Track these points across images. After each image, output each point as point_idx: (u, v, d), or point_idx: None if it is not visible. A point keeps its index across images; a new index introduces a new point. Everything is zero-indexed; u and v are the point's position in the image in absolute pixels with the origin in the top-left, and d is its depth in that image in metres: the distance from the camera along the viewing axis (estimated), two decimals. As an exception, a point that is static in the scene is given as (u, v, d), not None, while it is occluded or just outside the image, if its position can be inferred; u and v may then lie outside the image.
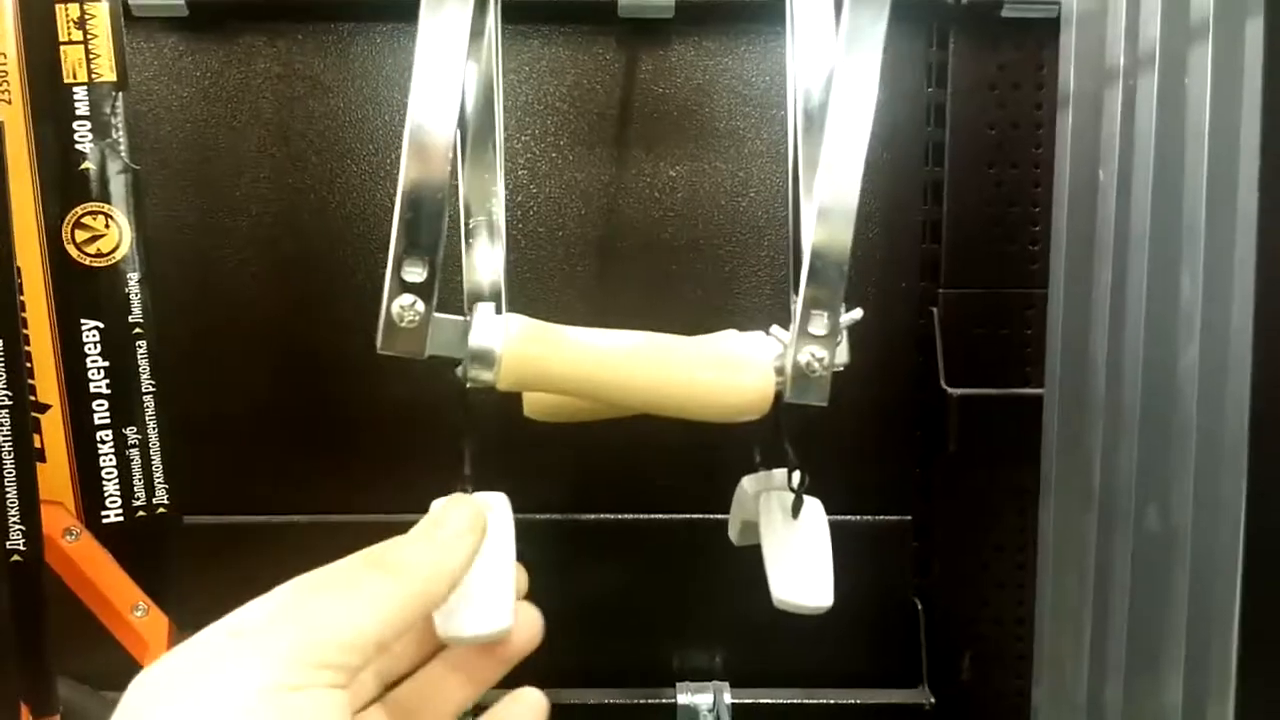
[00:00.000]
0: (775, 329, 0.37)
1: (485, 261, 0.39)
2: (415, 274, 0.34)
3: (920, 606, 0.67)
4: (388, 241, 0.64)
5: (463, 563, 0.34)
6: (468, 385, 0.37)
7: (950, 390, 0.63)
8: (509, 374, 0.36)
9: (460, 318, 0.36)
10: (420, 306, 0.34)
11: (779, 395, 0.36)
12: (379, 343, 0.35)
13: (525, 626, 0.37)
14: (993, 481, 0.65)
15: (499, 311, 0.38)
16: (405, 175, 0.34)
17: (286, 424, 0.66)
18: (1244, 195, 0.35)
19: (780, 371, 0.36)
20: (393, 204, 0.34)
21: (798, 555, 0.38)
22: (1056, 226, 0.51)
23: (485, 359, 0.35)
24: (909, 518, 0.67)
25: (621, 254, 0.65)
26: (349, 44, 0.64)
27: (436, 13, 0.35)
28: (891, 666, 0.68)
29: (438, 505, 0.37)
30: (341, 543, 0.66)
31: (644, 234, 0.65)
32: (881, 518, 0.67)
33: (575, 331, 0.37)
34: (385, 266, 0.35)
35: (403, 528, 0.65)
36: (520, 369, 0.35)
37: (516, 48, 0.64)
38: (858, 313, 0.39)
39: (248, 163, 0.65)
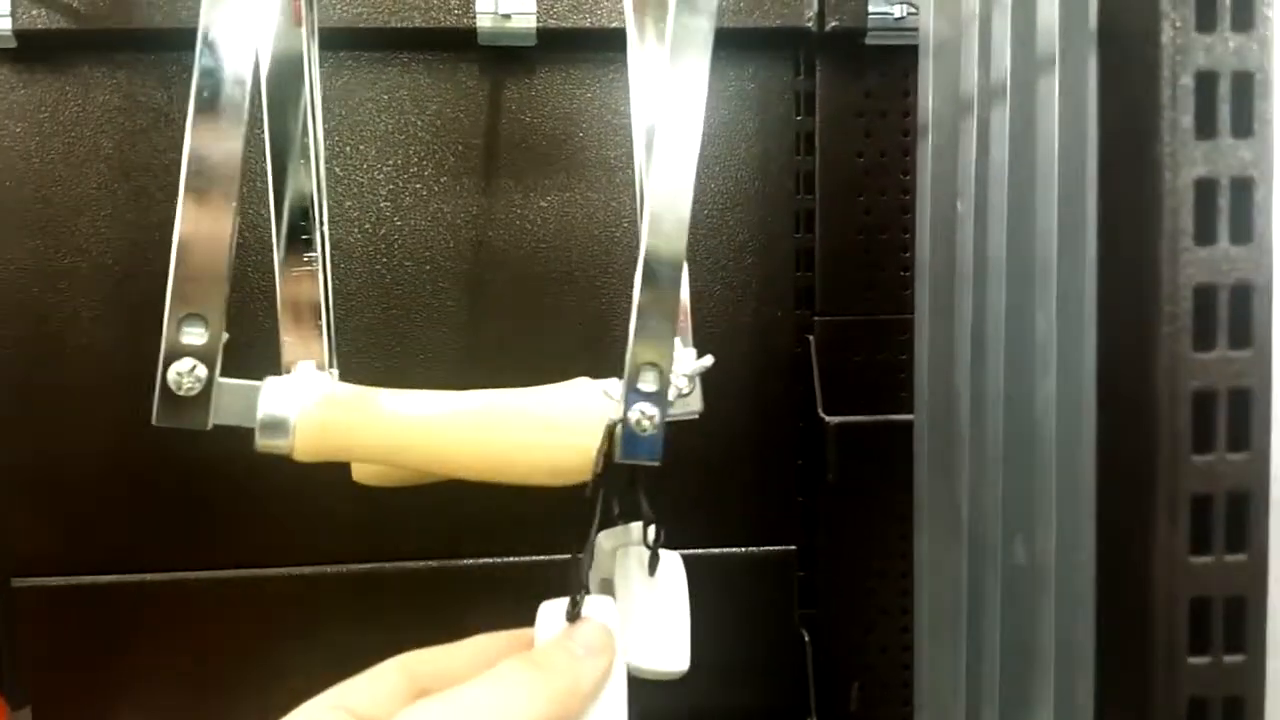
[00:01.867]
0: (613, 382, 0.36)
1: (306, 313, 0.36)
2: (195, 335, 0.32)
3: (807, 638, 0.66)
4: (239, 283, 0.61)
5: (598, 678, 0.33)
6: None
7: (828, 418, 0.62)
8: (305, 445, 0.33)
9: (250, 382, 0.33)
10: (202, 371, 0.32)
11: (609, 456, 0.34)
12: (154, 415, 0.32)
13: None
14: (874, 509, 0.65)
15: (322, 368, 0.35)
16: (181, 218, 0.32)
17: (131, 477, 0.61)
18: (1090, 233, 0.35)
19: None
20: (244, 239, 0.31)
21: (653, 616, 0.36)
22: (920, 256, 0.51)
23: (278, 428, 0.33)
24: (793, 548, 0.66)
25: (492, 287, 0.63)
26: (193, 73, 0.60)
27: (216, 35, 0.32)
28: (779, 699, 0.67)
29: (548, 610, 0.35)
30: (197, 602, 0.63)
31: (515, 267, 0.63)
32: (766, 548, 0.66)
33: (386, 395, 0.34)
34: (234, 306, 0.32)
35: (253, 582, 0.63)
36: (317, 440, 0.33)
37: (374, 75, 0.62)
38: (707, 360, 0.37)
39: (87, 201, 0.61)
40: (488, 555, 0.64)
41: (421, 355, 0.63)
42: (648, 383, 0.34)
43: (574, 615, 0.34)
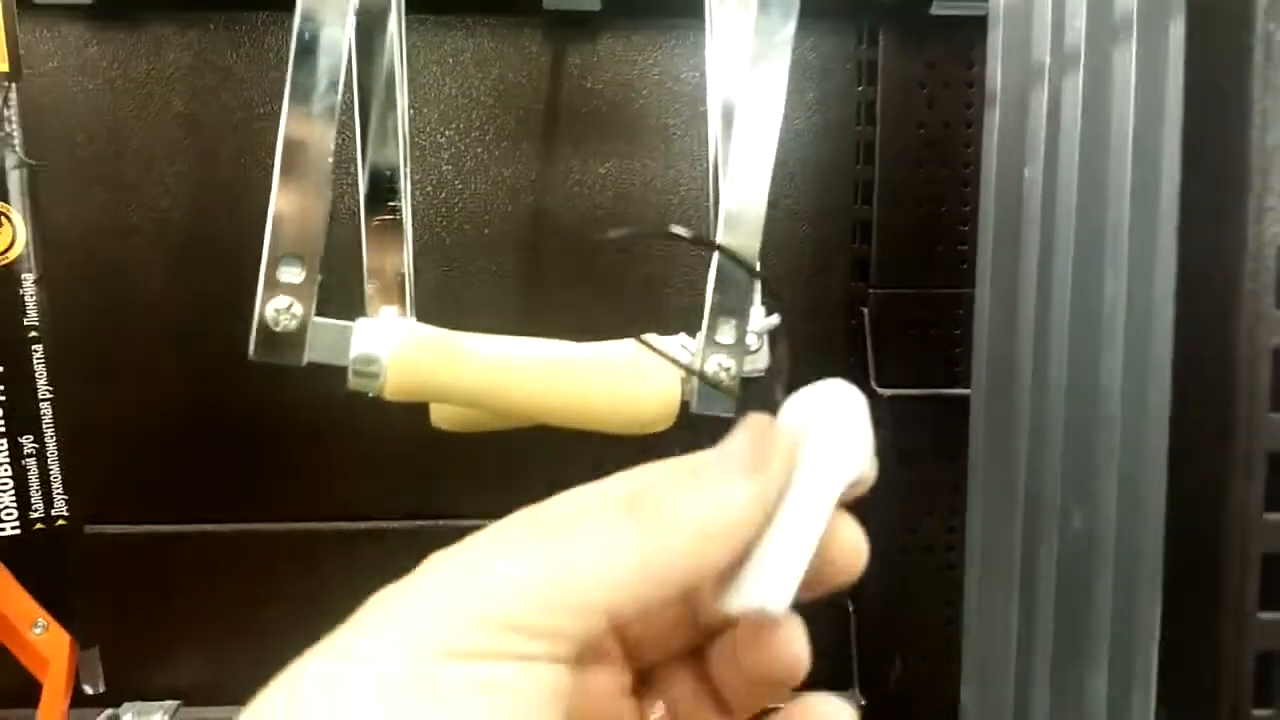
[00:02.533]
0: (683, 337, 0.36)
1: (388, 262, 0.37)
2: (292, 274, 0.33)
3: (852, 610, 0.66)
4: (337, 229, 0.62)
5: (747, 519, 0.22)
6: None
7: (881, 390, 0.62)
8: (396, 383, 0.34)
9: (344, 323, 0.34)
10: (298, 309, 0.33)
11: (686, 404, 0.35)
12: (251, 349, 0.33)
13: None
14: (924, 481, 0.65)
15: (403, 315, 0.36)
16: (280, 170, 0.33)
17: (195, 430, 0.63)
18: (1166, 196, 0.35)
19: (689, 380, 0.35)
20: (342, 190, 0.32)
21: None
22: (983, 226, 0.51)
23: (370, 367, 0.34)
24: (840, 519, 0.66)
25: (549, 252, 0.64)
26: (263, 34, 0.61)
27: (315, 9, 0.33)
28: (822, 671, 0.66)
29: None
30: (254, 552, 0.65)
31: (572, 232, 0.64)
32: (813, 519, 0.66)
33: (472, 339, 0.35)
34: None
35: (313, 535, 0.65)
36: (408, 378, 0.34)
37: (439, 39, 0.62)
38: (775, 319, 0.38)
39: (156, 157, 0.62)
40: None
41: (478, 316, 0.63)
42: (725, 335, 0.35)
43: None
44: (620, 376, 0.34)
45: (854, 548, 0.24)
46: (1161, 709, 0.36)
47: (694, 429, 0.35)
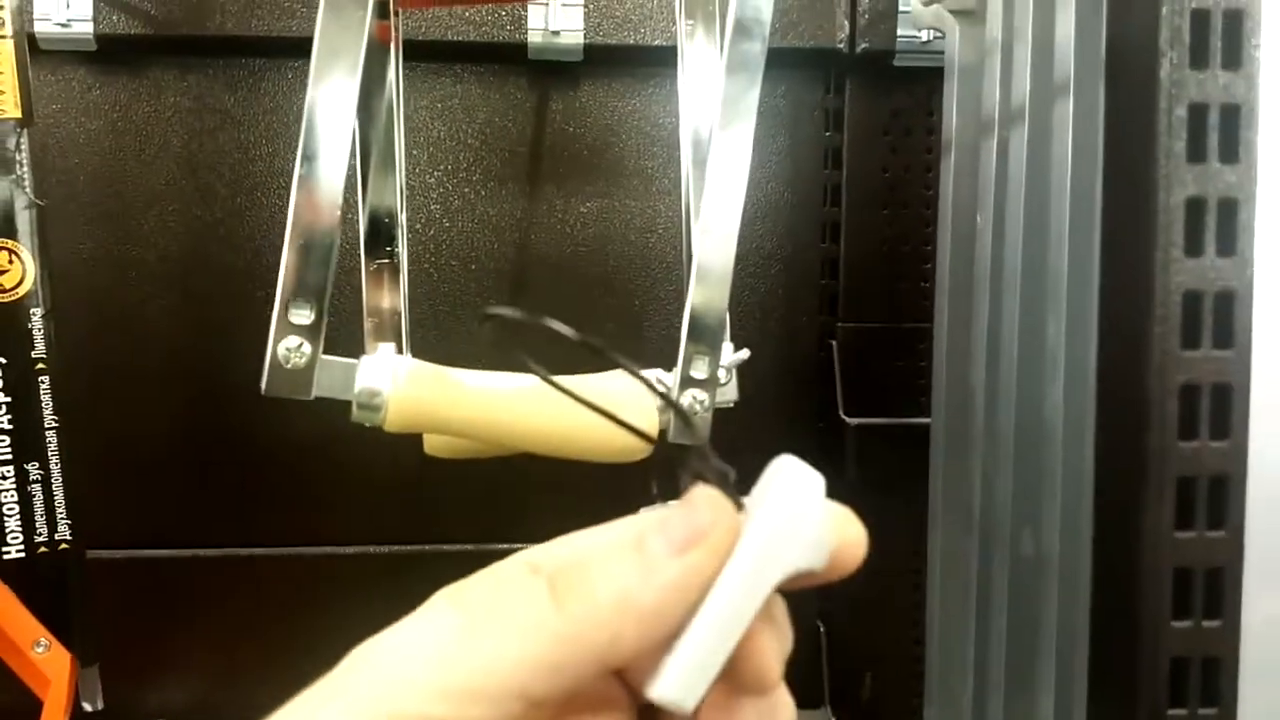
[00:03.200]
0: (659, 372, 0.39)
1: (386, 302, 0.40)
2: (302, 316, 0.35)
3: (823, 629, 0.69)
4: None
5: (671, 603, 0.21)
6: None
7: (848, 419, 0.65)
8: (396, 416, 0.37)
9: (348, 360, 0.37)
10: (307, 348, 0.35)
11: (664, 433, 0.38)
12: (264, 385, 0.36)
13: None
14: (890, 507, 0.67)
15: (400, 351, 0.39)
16: (294, 216, 0.35)
17: (193, 458, 0.66)
18: (1098, 244, 0.38)
19: (664, 411, 0.38)
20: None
21: None
22: (940, 266, 0.54)
23: (373, 401, 0.36)
24: (812, 543, 0.69)
25: (533, 287, 0.67)
26: (260, 78, 0.64)
27: (330, 51, 0.36)
28: (794, 688, 0.69)
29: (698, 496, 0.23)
30: (248, 577, 0.67)
31: (555, 268, 0.67)
32: (785, 543, 0.69)
33: (465, 375, 0.38)
34: None
35: (307, 560, 0.68)
36: (407, 411, 0.37)
37: (429, 85, 0.65)
38: (744, 353, 0.41)
39: (156, 196, 0.65)
40: (525, 540, 0.67)
41: (465, 351, 0.67)
42: (699, 370, 0.38)
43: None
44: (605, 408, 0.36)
45: (856, 541, 0.23)
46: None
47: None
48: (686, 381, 0.38)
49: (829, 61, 0.66)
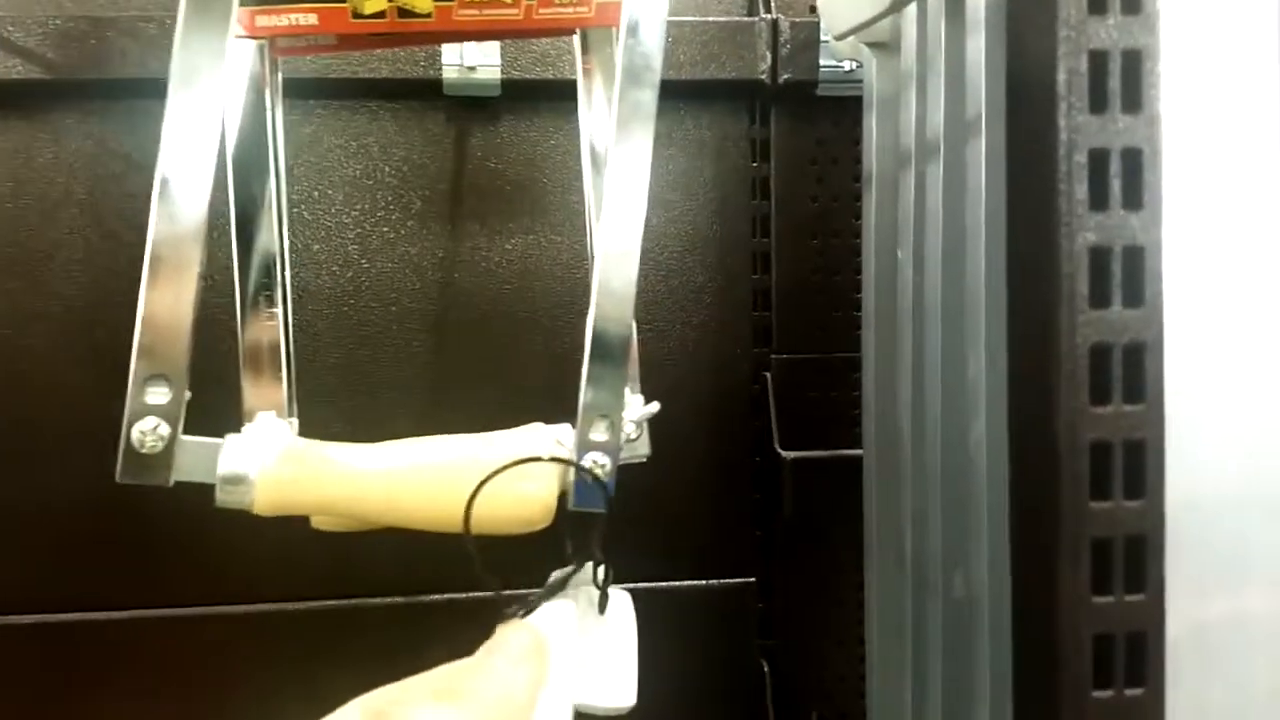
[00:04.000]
0: (563, 430, 0.37)
1: (264, 365, 0.38)
2: (159, 395, 0.33)
3: (766, 668, 0.68)
4: (209, 328, 0.62)
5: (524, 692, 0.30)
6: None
7: (784, 453, 0.64)
8: (265, 499, 0.34)
9: (212, 440, 0.35)
10: (164, 430, 0.33)
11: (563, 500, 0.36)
12: (118, 473, 0.34)
13: None
14: (830, 541, 0.66)
15: (284, 416, 0.36)
16: (145, 287, 0.33)
17: (100, 517, 0.63)
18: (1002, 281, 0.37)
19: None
20: (214, 283, 0.32)
21: (602, 654, 0.38)
22: (866, 299, 0.53)
23: (238, 484, 0.34)
24: (753, 580, 0.68)
25: (459, 328, 0.65)
26: (161, 121, 0.62)
27: (186, 85, 0.34)
28: (740, 729, 0.68)
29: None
30: (152, 638, 0.64)
31: (481, 307, 0.65)
32: (726, 580, 0.68)
33: (345, 450, 0.36)
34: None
35: (216, 619, 0.64)
36: (276, 495, 0.34)
37: (342, 123, 0.63)
38: (654, 407, 0.39)
39: (60, 245, 0.62)
40: (450, 590, 0.65)
41: (388, 395, 0.65)
42: (599, 432, 0.36)
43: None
44: (500, 480, 0.35)
45: None
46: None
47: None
48: (585, 444, 0.36)
49: (752, 92, 0.65)
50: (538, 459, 0.33)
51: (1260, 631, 0.30)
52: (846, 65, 0.63)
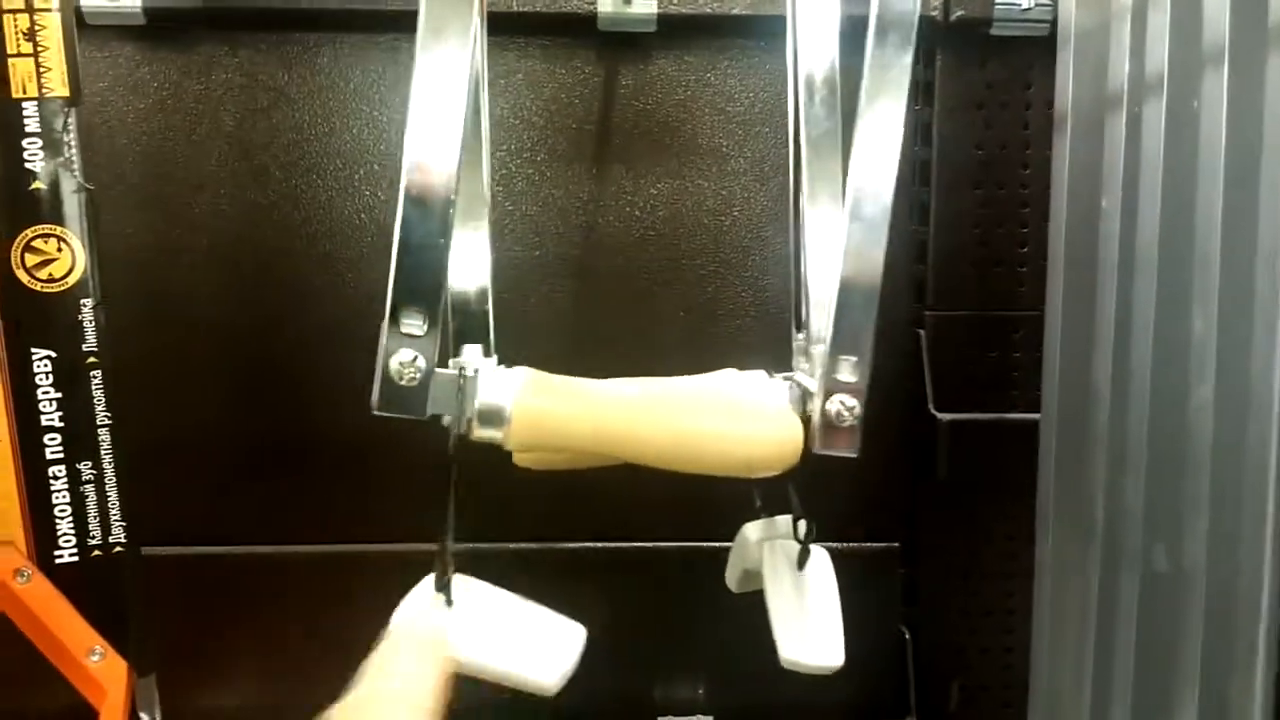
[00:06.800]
0: (798, 374, 0.35)
1: (474, 299, 0.36)
2: (415, 326, 0.31)
3: (908, 635, 0.65)
4: (355, 260, 0.61)
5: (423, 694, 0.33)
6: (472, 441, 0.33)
7: (940, 415, 0.61)
8: (520, 433, 0.32)
9: (462, 373, 0.33)
10: (421, 363, 0.31)
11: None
12: (375, 402, 0.32)
13: None
14: (981, 508, 0.64)
15: (487, 354, 0.35)
16: (403, 210, 0.31)
17: (250, 451, 0.63)
18: (1265, 231, 0.34)
19: (804, 420, 0.34)
20: (360, 220, 0.31)
21: (805, 612, 0.36)
22: (1053, 251, 0.50)
23: (494, 417, 0.32)
24: (896, 544, 0.65)
25: (601, 274, 0.63)
26: (315, 55, 0.61)
27: (437, 45, 0.32)
28: (879, 697, 0.66)
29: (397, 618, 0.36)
30: (309, 574, 0.64)
31: (624, 254, 0.63)
32: (869, 545, 0.65)
33: (586, 384, 0.34)
34: (352, 285, 0.32)
35: (369, 558, 0.64)
36: (532, 427, 0.32)
37: (491, 59, 0.61)
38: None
39: (207, 178, 0.61)
40: (604, 539, 0.64)
41: (529, 340, 0.63)
42: (847, 373, 0.34)
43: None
44: (742, 417, 0.33)
45: None
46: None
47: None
48: (832, 384, 0.34)
49: (920, 30, 0.61)
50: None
51: None
52: (1025, 2, 0.59)
